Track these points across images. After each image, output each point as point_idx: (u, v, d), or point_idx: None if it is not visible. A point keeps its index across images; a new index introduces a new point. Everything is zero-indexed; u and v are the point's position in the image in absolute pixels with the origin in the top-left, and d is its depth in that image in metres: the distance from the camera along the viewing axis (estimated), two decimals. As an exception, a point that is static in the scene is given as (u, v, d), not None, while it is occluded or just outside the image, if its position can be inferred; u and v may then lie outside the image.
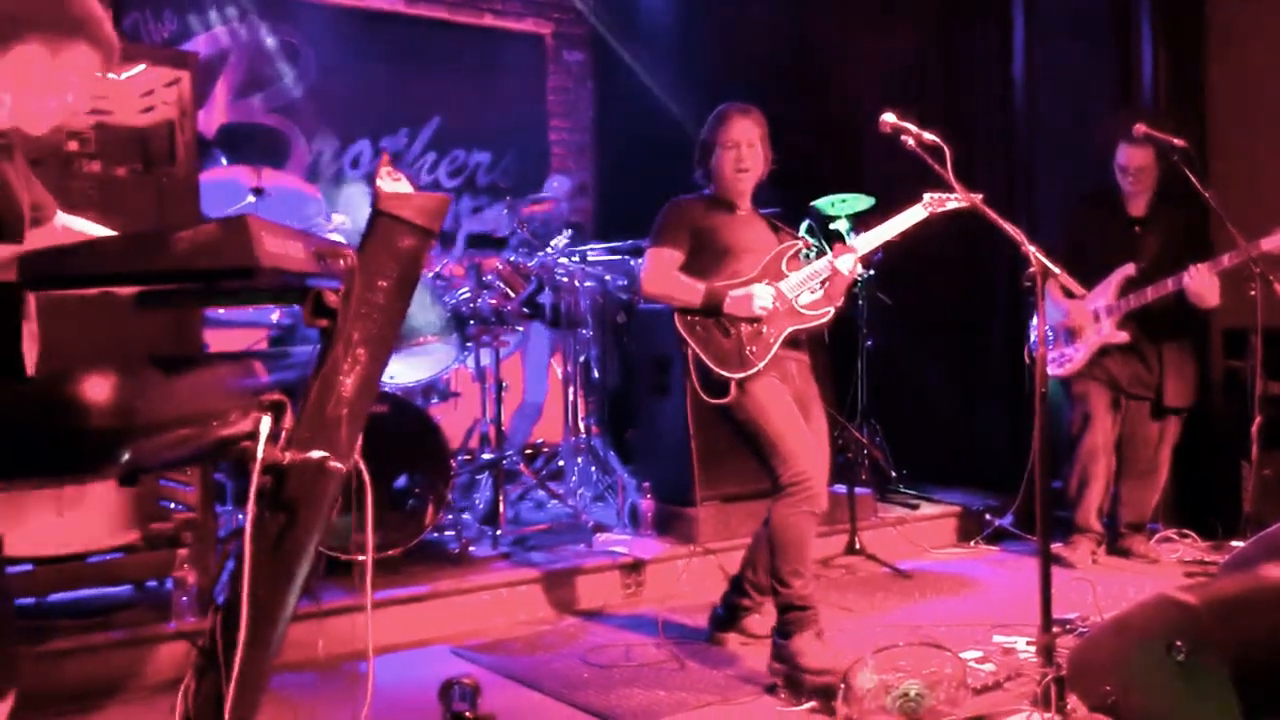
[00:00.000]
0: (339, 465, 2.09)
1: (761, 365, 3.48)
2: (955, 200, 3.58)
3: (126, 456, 1.52)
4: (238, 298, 2.13)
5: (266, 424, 2.02)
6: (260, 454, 2.00)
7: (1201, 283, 4.52)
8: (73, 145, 3.56)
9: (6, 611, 2.46)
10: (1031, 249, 2.98)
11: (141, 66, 3.74)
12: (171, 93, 3.74)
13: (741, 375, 3.47)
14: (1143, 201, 4.93)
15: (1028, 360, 5.12)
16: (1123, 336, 4.81)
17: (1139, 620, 2.76)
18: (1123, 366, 4.89)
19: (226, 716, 2.06)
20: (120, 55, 3.31)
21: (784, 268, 3.66)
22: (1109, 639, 2.84)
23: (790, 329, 3.56)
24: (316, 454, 2.05)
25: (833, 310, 3.64)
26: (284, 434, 2.05)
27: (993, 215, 3.16)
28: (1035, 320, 5.06)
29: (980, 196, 3.29)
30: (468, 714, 2.73)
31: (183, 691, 2.11)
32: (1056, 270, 3.01)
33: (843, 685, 2.88)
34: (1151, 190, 4.91)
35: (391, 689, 3.37)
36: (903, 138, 3.32)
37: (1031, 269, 2.97)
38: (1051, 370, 5.01)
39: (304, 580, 2.17)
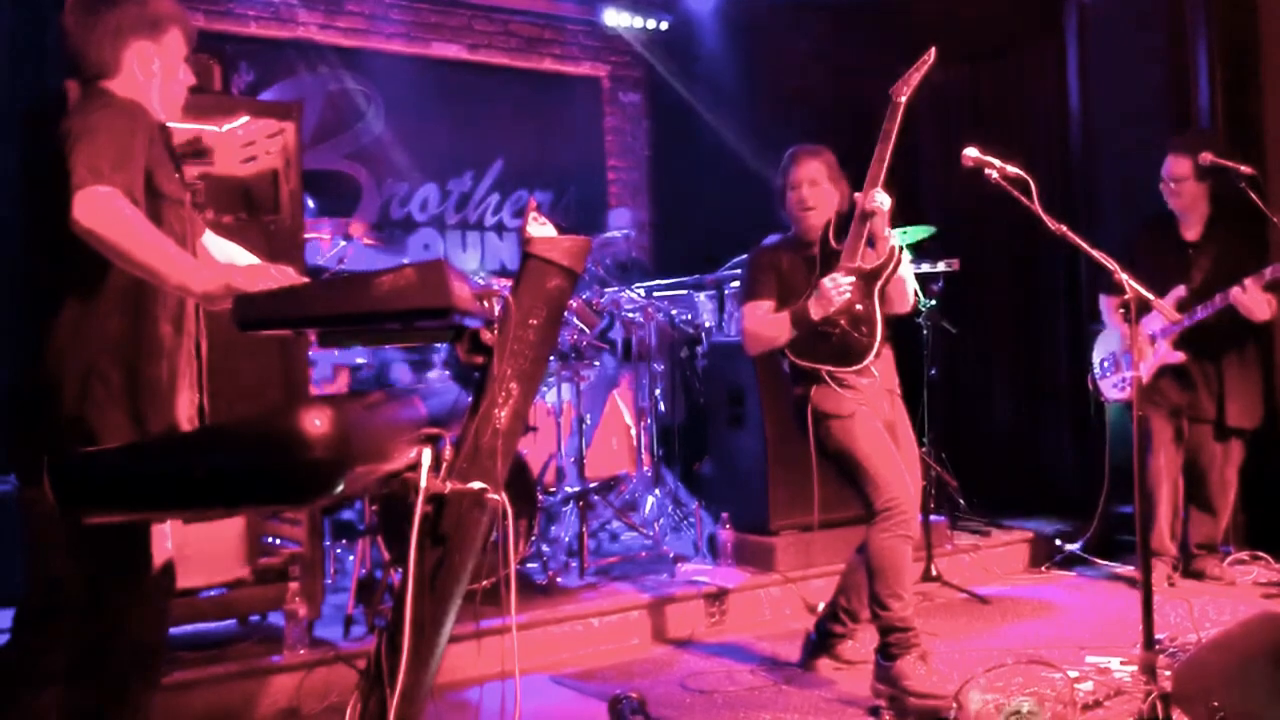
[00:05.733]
0: (495, 496, 2.20)
1: (879, 342, 3.58)
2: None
3: (341, 486, 1.64)
4: (397, 336, 2.26)
5: (428, 456, 2.14)
6: (423, 485, 2.12)
7: (1251, 298, 4.57)
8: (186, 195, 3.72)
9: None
10: (1124, 276, 3.06)
11: (245, 119, 3.91)
12: (275, 143, 3.90)
13: (870, 358, 3.58)
14: (1197, 225, 4.96)
15: (1092, 388, 5.18)
16: (1179, 357, 4.82)
17: (1245, 637, 2.81)
18: (1181, 389, 4.90)
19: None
20: (224, 107, 3.53)
21: (833, 245, 3.70)
22: (1215, 655, 2.89)
23: (875, 288, 3.63)
24: (476, 485, 2.17)
25: (892, 244, 3.66)
26: (444, 465, 2.18)
27: (1081, 243, 3.26)
28: (1097, 347, 5.18)
29: (1066, 226, 3.36)
30: (644, 724, 2.82)
31: (348, 714, 2.22)
32: (1151, 296, 3.08)
33: (955, 705, 2.96)
34: (1204, 212, 4.94)
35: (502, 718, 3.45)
36: (986, 171, 3.41)
37: (1126, 296, 3.04)
38: (1114, 395, 5.07)
39: (460, 604, 2.28)
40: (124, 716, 2.41)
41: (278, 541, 3.92)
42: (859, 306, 3.60)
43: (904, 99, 3.66)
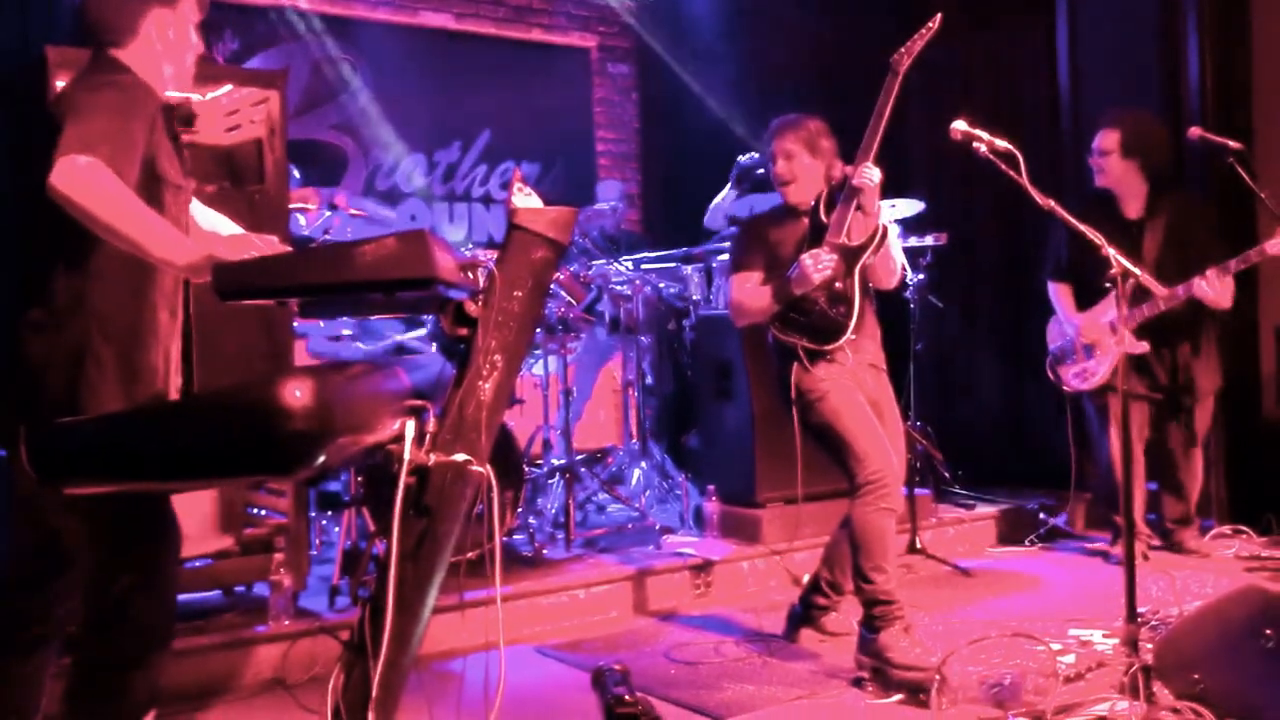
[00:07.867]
0: (480, 468, 2.19)
1: (854, 321, 3.56)
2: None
3: (322, 458, 1.63)
4: (380, 307, 2.24)
5: (411, 428, 2.13)
6: (407, 456, 2.11)
7: (1215, 289, 4.51)
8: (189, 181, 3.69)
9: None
10: (1111, 251, 3.05)
11: (228, 87, 3.86)
12: (259, 112, 3.86)
13: (845, 337, 3.56)
14: (1136, 203, 4.87)
15: (1051, 376, 5.08)
16: (1143, 346, 4.73)
17: (1227, 609, 2.83)
18: (1140, 374, 4.82)
19: (372, 704, 2.17)
20: (208, 75, 3.47)
21: (823, 219, 3.66)
22: (1196, 628, 2.92)
23: (858, 266, 3.61)
24: (460, 457, 2.16)
25: (878, 224, 3.63)
26: (428, 437, 2.17)
27: (1070, 219, 3.24)
28: (1050, 333, 5.12)
29: (1055, 201, 3.34)
30: (627, 697, 2.82)
31: (331, 684, 2.22)
32: (1138, 272, 3.08)
33: (938, 677, 2.97)
34: (1142, 190, 4.85)
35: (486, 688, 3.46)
36: (975, 145, 3.38)
37: (1113, 271, 3.03)
38: (1076, 384, 4.96)
39: (443, 577, 2.28)
40: (126, 687, 2.40)
41: (263, 512, 3.91)
42: (838, 284, 3.59)
43: (904, 68, 3.63)
